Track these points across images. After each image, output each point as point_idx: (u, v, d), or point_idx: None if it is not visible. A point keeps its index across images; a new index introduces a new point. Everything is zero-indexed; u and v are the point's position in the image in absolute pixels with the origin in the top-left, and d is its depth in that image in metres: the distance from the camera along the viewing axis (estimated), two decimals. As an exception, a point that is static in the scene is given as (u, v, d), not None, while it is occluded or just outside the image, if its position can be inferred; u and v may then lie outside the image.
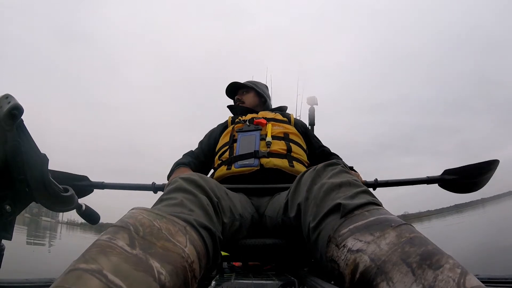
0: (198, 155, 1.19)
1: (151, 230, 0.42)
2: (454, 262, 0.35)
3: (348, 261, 0.41)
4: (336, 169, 0.61)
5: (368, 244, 0.40)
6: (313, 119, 1.65)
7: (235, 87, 1.36)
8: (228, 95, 1.39)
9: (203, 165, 1.17)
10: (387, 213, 0.46)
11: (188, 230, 0.46)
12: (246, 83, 1.35)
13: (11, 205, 0.46)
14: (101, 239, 0.38)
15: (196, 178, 0.61)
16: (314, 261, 0.78)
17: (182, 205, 0.51)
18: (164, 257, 0.39)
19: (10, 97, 0.42)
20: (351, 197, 0.51)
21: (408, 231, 0.41)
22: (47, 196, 0.51)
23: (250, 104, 1.31)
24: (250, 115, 1.14)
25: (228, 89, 1.37)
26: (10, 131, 0.43)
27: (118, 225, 0.41)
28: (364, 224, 0.44)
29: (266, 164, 0.93)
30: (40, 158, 0.49)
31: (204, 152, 1.19)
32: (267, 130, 1.03)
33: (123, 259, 0.36)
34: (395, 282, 0.35)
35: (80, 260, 0.35)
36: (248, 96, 1.33)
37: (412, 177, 1.11)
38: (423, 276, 0.34)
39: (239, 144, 1.01)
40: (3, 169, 0.44)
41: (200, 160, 1.17)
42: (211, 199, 0.59)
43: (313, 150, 1.17)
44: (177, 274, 0.39)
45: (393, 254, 0.37)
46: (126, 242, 0.38)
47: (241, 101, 1.32)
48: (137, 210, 0.46)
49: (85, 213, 0.64)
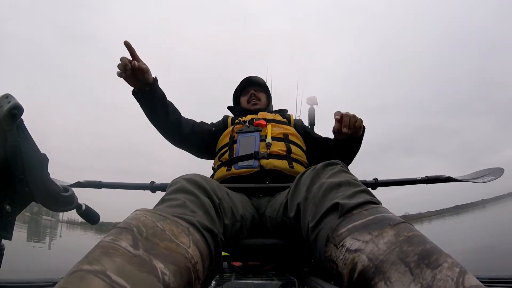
0: (197, 123, 1.17)
1: (154, 231, 0.42)
2: (453, 261, 0.35)
3: (346, 260, 0.41)
4: (335, 169, 0.61)
5: (366, 243, 0.40)
6: (313, 119, 1.65)
7: (250, 82, 1.33)
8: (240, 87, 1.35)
9: (192, 127, 1.14)
10: (385, 212, 0.46)
11: (191, 231, 0.46)
12: (263, 83, 1.34)
13: (11, 205, 0.46)
14: (104, 241, 0.39)
15: (198, 179, 0.61)
16: (314, 261, 0.78)
17: (184, 206, 0.51)
18: (168, 257, 0.39)
19: (10, 97, 0.42)
20: (349, 196, 0.51)
21: (406, 230, 0.41)
22: (47, 196, 0.51)
23: (263, 104, 1.30)
24: (250, 116, 1.14)
25: (246, 80, 1.33)
26: (10, 131, 0.43)
27: (121, 227, 0.41)
28: (362, 223, 0.44)
29: (266, 166, 0.93)
30: (40, 158, 0.49)
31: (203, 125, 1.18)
32: (267, 131, 1.03)
33: (126, 260, 0.36)
34: (393, 281, 0.35)
35: (83, 261, 0.35)
36: (262, 95, 1.32)
37: (412, 177, 1.11)
38: (421, 275, 0.34)
39: (239, 145, 1.01)
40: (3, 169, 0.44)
41: (193, 124, 1.16)
42: (213, 201, 0.59)
43: (315, 140, 1.16)
44: (181, 274, 0.39)
45: (391, 254, 0.37)
46: (130, 243, 0.38)
47: (257, 97, 1.29)
48: (140, 212, 0.46)
49: (85, 213, 0.64)
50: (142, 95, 1.00)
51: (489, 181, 1.10)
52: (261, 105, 1.29)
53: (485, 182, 1.10)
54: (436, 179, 1.07)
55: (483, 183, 1.10)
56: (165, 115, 1.05)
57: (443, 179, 1.06)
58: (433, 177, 1.07)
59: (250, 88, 1.31)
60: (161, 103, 1.04)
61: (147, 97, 1.00)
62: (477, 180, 1.11)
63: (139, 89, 0.99)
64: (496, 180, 1.12)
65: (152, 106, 1.03)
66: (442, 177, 1.07)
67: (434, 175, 1.08)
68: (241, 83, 1.35)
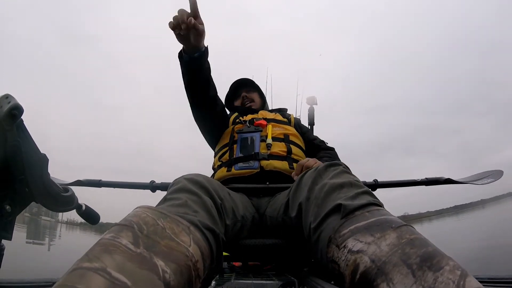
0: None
1: (155, 229, 0.42)
2: (454, 264, 0.35)
3: (348, 261, 0.41)
4: (337, 170, 0.61)
5: (369, 245, 0.40)
6: (312, 119, 1.65)
7: (241, 84, 1.31)
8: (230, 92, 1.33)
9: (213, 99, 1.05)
10: (387, 214, 0.46)
11: (192, 230, 0.46)
12: (255, 83, 1.32)
13: (11, 205, 0.46)
14: (104, 238, 0.38)
15: (200, 179, 0.61)
16: (314, 261, 0.78)
17: (186, 206, 0.51)
18: (168, 255, 0.39)
19: (10, 97, 0.42)
20: (352, 197, 0.51)
21: (408, 233, 0.41)
22: (47, 196, 0.51)
23: (258, 104, 1.28)
24: (250, 116, 1.13)
25: (235, 84, 1.31)
26: (10, 131, 0.43)
27: (122, 224, 0.41)
28: (364, 225, 0.44)
29: (266, 167, 0.93)
30: (40, 158, 0.49)
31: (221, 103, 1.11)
32: (268, 131, 1.02)
33: (127, 258, 0.36)
34: (395, 283, 0.35)
35: (83, 259, 0.35)
36: (255, 95, 1.30)
37: (411, 179, 1.11)
38: (423, 277, 0.34)
39: (239, 145, 1.00)
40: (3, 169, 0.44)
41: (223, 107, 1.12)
42: (215, 201, 0.59)
43: (311, 141, 1.15)
44: (181, 272, 0.39)
45: (393, 255, 0.37)
46: (130, 241, 0.38)
47: (249, 99, 1.27)
48: (141, 209, 0.46)
49: (85, 213, 0.64)
50: (190, 60, 0.91)
51: (488, 183, 1.10)
52: (256, 105, 1.28)
53: (484, 184, 1.10)
54: (435, 181, 1.07)
55: (482, 185, 1.10)
56: (206, 87, 0.99)
57: (442, 181, 1.07)
58: (432, 179, 1.07)
59: (241, 91, 1.29)
60: (206, 75, 0.96)
61: (194, 64, 0.92)
62: (477, 182, 1.11)
63: (188, 53, 0.91)
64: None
65: (195, 74, 0.95)
66: (441, 179, 1.07)
67: (434, 177, 1.08)
68: (230, 88, 1.32)
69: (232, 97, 1.33)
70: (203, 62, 0.93)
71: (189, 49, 0.89)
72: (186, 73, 0.95)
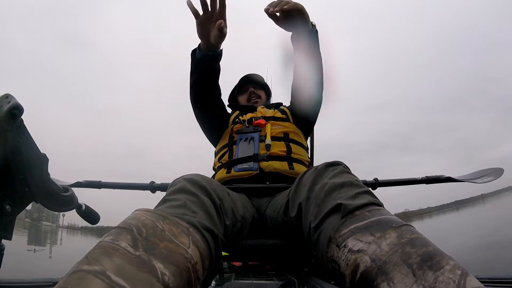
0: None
1: (154, 231, 0.42)
2: (455, 263, 0.35)
3: (348, 261, 0.41)
4: (337, 169, 0.61)
5: (369, 244, 0.40)
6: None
7: (249, 80, 1.30)
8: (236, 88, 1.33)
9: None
10: (388, 214, 0.46)
11: (191, 231, 0.46)
12: (263, 81, 1.33)
13: (11, 205, 0.46)
14: (104, 241, 0.39)
15: (199, 179, 0.61)
16: (314, 261, 0.78)
17: (185, 207, 0.51)
18: (167, 258, 0.39)
19: (10, 97, 0.42)
20: (352, 197, 0.51)
21: (408, 232, 0.41)
22: (47, 196, 0.51)
23: (263, 102, 1.28)
24: (250, 115, 1.11)
25: (245, 78, 1.30)
26: (10, 131, 0.43)
27: (121, 227, 0.41)
28: (364, 225, 0.44)
29: (265, 168, 0.92)
30: (40, 158, 0.49)
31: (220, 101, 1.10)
32: (266, 131, 1.01)
33: (126, 260, 0.36)
34: (395, 282, 0.35)
35: (83, 261, 0.35)
36: (261, 92, 1.30)
37: (412, 177, 1.12)
38: (424, 277, 0.34)
39: (238, 146, 0.99)
40: (3, 169, 0.44)
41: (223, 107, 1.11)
42: (214, 201, 0.59)
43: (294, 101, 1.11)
44: (180, 274, 0.39)
45: (393, 255, 0.37)
46: (129, 243, 0.38)
47: (256, 95, 1.27)
48: (140, 212, 0.46)
49: (85, 213, 0.64)
50: (203, 58, 0.91)
51: (488, 181, 1.10)
52: (261, 103, 1.27)
53: (485, 183, 1.10)
54: (436, 179, 1.08)
55: (483, 183, 1.10)
56: (212, 89, 0.99)
57: (443, 179, 1.07)
58: (433, 177, 1.08)
59: (249, 86, 1.28)
60: (215, 76, 0.97)
61: (206, 62, 0.92)
62: (477, 180, 1.11)
63: (203, 50, 0.91)
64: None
65: (205, 74, 0.95)
66: (442, 177, 1.07)
67: (434, 176, 1.08)
68: (240, 81, 1.32)
69: (238, 91, 1.33)
70: (215, 63, 0.94)
71: (205, 46, 0.90)
72: (195, 71, 0.96)
